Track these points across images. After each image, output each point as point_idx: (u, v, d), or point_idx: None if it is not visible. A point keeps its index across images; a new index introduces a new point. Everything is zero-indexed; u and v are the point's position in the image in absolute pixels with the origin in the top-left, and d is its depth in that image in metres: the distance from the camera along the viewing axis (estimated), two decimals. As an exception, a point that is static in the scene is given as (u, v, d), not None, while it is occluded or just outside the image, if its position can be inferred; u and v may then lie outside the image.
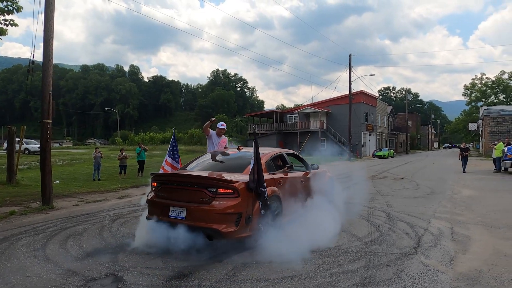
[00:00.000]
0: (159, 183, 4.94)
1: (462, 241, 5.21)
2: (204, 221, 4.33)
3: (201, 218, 4.36)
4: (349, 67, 30.66)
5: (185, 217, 4.43)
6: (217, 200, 4.39)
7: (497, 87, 51.70)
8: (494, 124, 33.15)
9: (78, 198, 9.50)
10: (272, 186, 5.09)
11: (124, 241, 5.00)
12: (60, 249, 4.67)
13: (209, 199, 4.41)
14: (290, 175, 5.87)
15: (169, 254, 4.41)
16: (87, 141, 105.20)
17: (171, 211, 4.55)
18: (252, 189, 4.54)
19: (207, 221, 4.32)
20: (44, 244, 4.93)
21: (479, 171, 17.65)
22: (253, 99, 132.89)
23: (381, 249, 4.68)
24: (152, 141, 59.79)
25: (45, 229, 5.83)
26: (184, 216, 4.44)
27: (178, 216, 4.49)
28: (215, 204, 4.36)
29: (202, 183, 4.58)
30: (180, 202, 4.57)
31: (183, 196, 4.62)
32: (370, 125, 44.94)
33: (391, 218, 6.68)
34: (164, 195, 4.80)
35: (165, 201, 4.69)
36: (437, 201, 8.73)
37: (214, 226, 4.28)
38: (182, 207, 4.49)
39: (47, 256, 4.39)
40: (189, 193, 4.60)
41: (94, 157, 14.37)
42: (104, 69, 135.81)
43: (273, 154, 5.92)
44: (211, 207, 4.36)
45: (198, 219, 4.36)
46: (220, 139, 7.08)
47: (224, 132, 7.26)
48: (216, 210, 4.33)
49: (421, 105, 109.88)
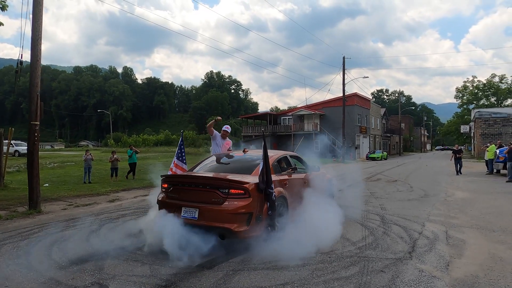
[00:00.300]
0: (170, 185, 5.06)
1: (457, 245, 5.14)
2: (216, 221, 4.46)
3: (214, 218, 4.48)
4: (343, 69, 30.74)
5: (197, 217, 4.56)
6: (229, 201, 4.54)
7: (488, 90, 52.28)
8: (486, 126, 33.47)
9: (67, 202, 9.28)
10: (279, 187, 5.22)
11: (112, 247, 4.84)
12: (44, 256, 4.50)
13: (221, 200, 4.56)
14: (294, 176, 6.04)
15: (158, 261, 4.27)
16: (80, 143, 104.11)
17: (183, 211, 4.67)
18: (262, 190, 4.68)
19: (220, 221, 4.45)
20: (28, 250, 4.75)
21: (471, 173, 17.73)
22: (248, 101, 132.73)
23: (375, 254, 4.58)
24: (145, 143, 59.32)
25: (30, 235, 5.64)
26: (197, 216, 4.57)
27: (190, 216, 4.61)
28: (227, 204, 4.51)
29: (214, 184, 4.72)
30: (192, 202, 4.70)
31: (195, 197, 4.76)
32: (364, 127, 45.09)
33: (385, 221, 6.60)
34: (175, 196, 4.93)
35: (176, 202, 4.82)
36: (431, 204, 8.69)
37: (226, 226, 4.41)
38: (194, 208, 4.62)
39: (30, 263, 4.22)
40: (201, 194, 4.74)
41: (85, 159, 14.11)
42: (97, 70, 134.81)
43: (279, 156, 6.13)
44: (223, 207, 4.50)
45: (210, 219, 4.49)
46: (224, 141, 7.22)
47: (228, 134, 7.37)
48: (228, 210, 4.47)
49: (414, 107, 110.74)
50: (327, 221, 5.49)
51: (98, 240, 5.29)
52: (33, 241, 5.23)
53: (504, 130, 32.46)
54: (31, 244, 5.09)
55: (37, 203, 7.95)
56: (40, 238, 5.41)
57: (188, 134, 56.60)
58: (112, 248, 4.74)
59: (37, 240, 5.32)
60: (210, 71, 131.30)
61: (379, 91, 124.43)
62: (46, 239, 5.33)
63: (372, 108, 50.58)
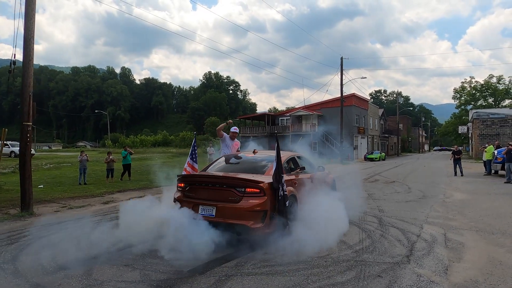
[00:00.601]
0: (187, 184, 5.31)
1: (456, 248, 5.04)
2: (233, 218, 4.69)
3: (231, 215, 4.72)
4: (341, 70, 30.68)
5: (214, 215, 4.79)
6: (245, 199, 4.77)
7: (486, 91, 52.32)
8: (484, 127, 33.46)
9: (61, 203, 9.14)
10: (289, 187, 5.41)
11: (102, 251, 4.71)
12: (32, 261, 4.36)
13: (238, 198, 4.79)
14: (302, 176, 6.21)
15: (149, 265, 4.15)
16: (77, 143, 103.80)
17: (201, 209, 4.91)
18: (276, 189, 4.89)
19: (237, 218, 4.68)
20: (16, 255, 4.62)
21: (470, 174, 17.66)
22: (246, 102, 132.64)
23: (372, 258, 4.47)
24: (143, 144, 59.12)
25: (19, 238, 5.51)
26: (214, 213, 4.81)
27: (208, 214, 4.85)
28: (244, 203, 4.74)
29: (230, 183, 4.94)
30: (209, 201, 4.93)
31: (212, 195, 5.00)
32: (362, 128, 45.04)
33: (383, 223, 6.50)
34: (192, 195, 5.16)
35: (194, 200, 5.05)
36: (429, 205, 8.59)
37: (243, 223, 4.64)
38: (211, 206, 4.86)
39: (16, 269, 4.09)
40: (218, 192, 4.98)
41: (80, 160, 13.97)
42: (95, 71, 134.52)
43: (288, 157, 6.39)
44: (240, 205, 4.73)
45: (227, 217, 4.72)
46: (233, 142, 7.42)
47: (236, 135, 7.57)
48: (244, 208, 4.69)
49: (412, 108, 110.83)
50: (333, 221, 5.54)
51: (88, 243, 5.14)
52: (22, 245, 5.10)
53: (502, 130, 32.45)
54: (19, 248, 4.96)
55: (29, 205, 7.81)
56: (29, 242, 5.28)
57: (185, 135, 56.40)
58: (103, 252, 4.62)
59: (26, 243, 5.18)
60: (208, 72, 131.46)
61: (377, 91, 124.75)
62: (35, 243, 5.20)
63: (370, 109, 50.54)
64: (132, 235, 5.20)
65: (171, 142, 61.16)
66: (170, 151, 44.63)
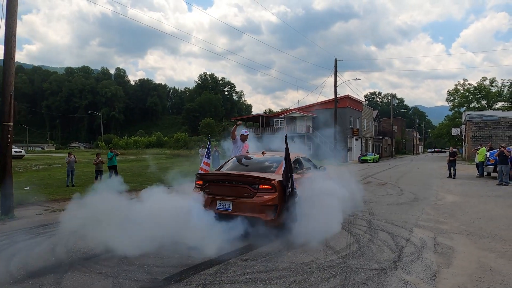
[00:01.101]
0: (205, 181, 5.84)
1: (446, 253, 4.89)
2: (248, 211, 5.22)
3: (246, 209, 5.24)
4: (335, 71, 30.64)
5: (231, 209, 5.33)
6: (259, 195, 5.30)
7: (479, 93, 52.57)
8: (477, 129, 33.57)
9: (44, 206, 8.89)
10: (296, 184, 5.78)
11: (78, 257, 4.50)
12: (1, 268, 4.14)
13: (252, 194, 5.33)
14: (306, 175, 6.67)
15: (124, 273, 3.94)
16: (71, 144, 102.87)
17: (218, 204, 5.45)
18: (285, 186, 5.32)
19: (251, 212, 5.20)
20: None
21: (462, 176, 17.62)
22: (241, 103, 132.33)
23: (358, 264, 4.30)
24: (136, 145, 58.61)
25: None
26: (231, 208, 5.35)
27: (225, 208, 5.39)
28: (257, 198, 5.27)
29: (245, 181, 5.49)
30: (226, 196, 5.47)
31: (228, 191, 5.52)
32: (356, 129, 45.06)
33: (372, 227, 6.34)
34: (210, 191, 5.66)
35: (211, 196, 5.57)
36: (421, 208, 8.46)
37: (256, 215, 5.17)
38: (228, 201, 5.41)
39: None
40: (234, 189, 5.50)
41: (68, 162, 13.69)
42: (89, 71, 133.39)
43: (294, 157, 6.70)
44: (254, 200, 5.27)
45: (243, 210, 5.24)
46: (243, 144, 7.95)
47: (247, 138, 8.07)
48: (258, 202, 5.23)
49: (406, 110, 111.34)
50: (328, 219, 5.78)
51: (64, 248, 4.94)
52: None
53: (494, 133, 32.58)
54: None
55: (10, 209, 7.56)
56: (4, 247, 5.04)
57: (180, 136, 56.03)
58: (78, 258, 4.41)
59: (0, 249, 4.94)
60: (203, 73, 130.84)
61: (372, 93, 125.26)
62: (9, 248, 4.97)
63: (364, 111, 50.61)
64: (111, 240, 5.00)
65: (165, 143, 60.74)
66: (164, 153, 44.28)
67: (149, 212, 5.58)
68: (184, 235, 4.85)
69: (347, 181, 8.62)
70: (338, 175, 9.10)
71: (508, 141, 28.76)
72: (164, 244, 4.78)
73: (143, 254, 4.55)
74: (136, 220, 5.37)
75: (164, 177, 13.78)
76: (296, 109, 42.77)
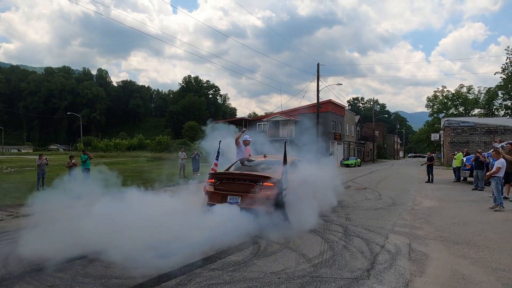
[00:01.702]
0: (217, 179, 6.81)
1: (420, 260, 4.80)
2: (254, 204, 6.10)
3: (252, 203, 6.13)
4: (317, 75, 30.79)
5: (240, 202, 6.27)
6: (263, 191, 6.26)
7: (457, 100, 54.06)
8: (454, 135, 34.37)
9: (8, 211, 8.43)
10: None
11: (30, 268, 4.16)
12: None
13: (257, 190, 6.29)
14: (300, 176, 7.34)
15: (76, 286, 3.64)
16: (50, 146, 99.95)
17: (229, 198, 6.39)
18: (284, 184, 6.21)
19: (256, 205, 6.08)
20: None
21: (440, 181, 17.88)
22: (226, 107, 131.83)
23: (330, 273, 4.14)
24: (117, 148, 57.35)
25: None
26: (239, 201, 6.29)
27: (234, 202, 6.32)
28: (261, 193, 6.22)
29: (252, 179, 6.49)
30: (235, 192, 6.42)
31: (237, 188, 6.46)
32: (338, 134, 45.46)
33: (348, 233, 6.22)
34: (222, 188, 6.61)
35: (223, 192, 6.51)
36: (397, 213, 8.43)
37: (261, 208, 6.02)
38: (237, 196, 6.36)
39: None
40: (242, 186, 6.44)
41: (39, 164, 13.12)
42: (70, 72, 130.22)
43: (290, 160, 7.33)
44: (259, 195, 6.20)
45: (249, 204, 6.15)
46: (246, 148, 8.83)
47: (249, 143, 9.00)
48: (262, 197, 6.14)
49: (388, 115, 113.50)
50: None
51: (18, 259, 4.58)
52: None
53: (471, 138, 33.43)
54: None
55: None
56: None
57: (162, 139, 55.13)
58: (31, 270, 4.08)
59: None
60: (188, 76, 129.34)
61: (354, 99, 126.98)
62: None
63: (347, 115, 51.18)
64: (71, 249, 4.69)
65: (147, 146, 59.66)
66: (145, 155, 43.43)
67: (116, 218, 5.31)
68: (150, 242, 4.59)
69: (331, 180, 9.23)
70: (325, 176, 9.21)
71: (484, 146, 29.55)
72: (129, 252, 4.50)
73: (105, 264, 4.26)
74: (100, 226, 5.09)
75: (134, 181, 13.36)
76: (279, 113, 42.83)
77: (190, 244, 4.79)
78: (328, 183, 8.81)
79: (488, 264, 4.64)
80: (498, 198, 8.94)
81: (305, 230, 6.24)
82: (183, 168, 18.12)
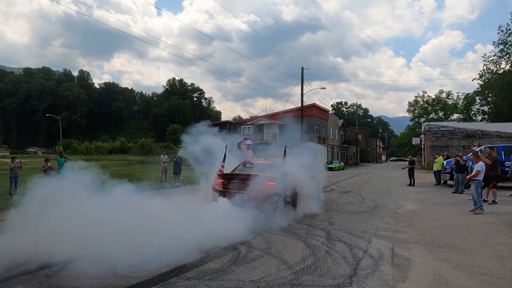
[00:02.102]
0: (225, 179, 7.81)
1: (402, 264, 4.72)
2: (258, 201, 6.87)
3: (257, 199, 6.88)
4: (301, 79, 30.94)
5: (246, 199, 7.07)
6: (266, 189, 6.96)
7: (437, 105, 55.45)
8: (435, 139, 35.10)
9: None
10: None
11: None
12: None
13: (262, 189, 6.95)
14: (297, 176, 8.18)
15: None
16: (28, 149, 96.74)
17: (237, 196, 7.27)
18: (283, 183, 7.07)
19: (260, 202, 6.86)
20: None
21: (421, 184, 18.11)
22: (210, 110, 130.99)
23: (312, 281, 3.99)
24: (98, 151, 55.99)
25: None
26: (246, 198, 7.10)
27: (241, 199, 7.18)
28: (265, 192, 6.92)
29: (257, 179, 7.14)
30: (242, 190, 7.23)
31: (244, 187, 7.21)
32: (322, 137, 45.78)
33: (331, 238, 6.10)
34: (230, 187, 7.51)
35: (231, 191, 7.41)
36: (380, 217, 8.39)
37: (264, 204, 6.80)
38: (244, 194, 7.19)
39: None
40: (248, 185, 7.13)
41: (11, 168, 12.55)
42: (50, 73, 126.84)
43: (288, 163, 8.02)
44: (263, 193, 6.90)
45: (255, 200, 6.90)
46: (247, 152, 9.63)
47: (250, 147, 9.90)
48: (266, 195, 6.88)
49: (370, 120, 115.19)
50: None
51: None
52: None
53: (450, 142, 34.21)
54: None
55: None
56: None
57: (145, 142, 54.19)
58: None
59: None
60: (172, 78, 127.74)
61: (338, 103, 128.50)
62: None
63: (331, 119, 51.67)
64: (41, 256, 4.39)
65: (130, 149, 58.51)
66: (127, 159, 42.52)
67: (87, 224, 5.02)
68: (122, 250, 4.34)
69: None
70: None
71: (463, 150, 30.23)
72: (99, 261, 4.24)
73: (73, 275, 3.98)
74: (70, 232, 4.81)
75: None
76: (263, 116, 42.82)
77: (165, 252, 4.55)
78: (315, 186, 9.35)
79: (471, 268, 4.60)
80: (478, 201, 9.04)
81: (288, 234, 6.10)
82: (165, 172, 17.75)
